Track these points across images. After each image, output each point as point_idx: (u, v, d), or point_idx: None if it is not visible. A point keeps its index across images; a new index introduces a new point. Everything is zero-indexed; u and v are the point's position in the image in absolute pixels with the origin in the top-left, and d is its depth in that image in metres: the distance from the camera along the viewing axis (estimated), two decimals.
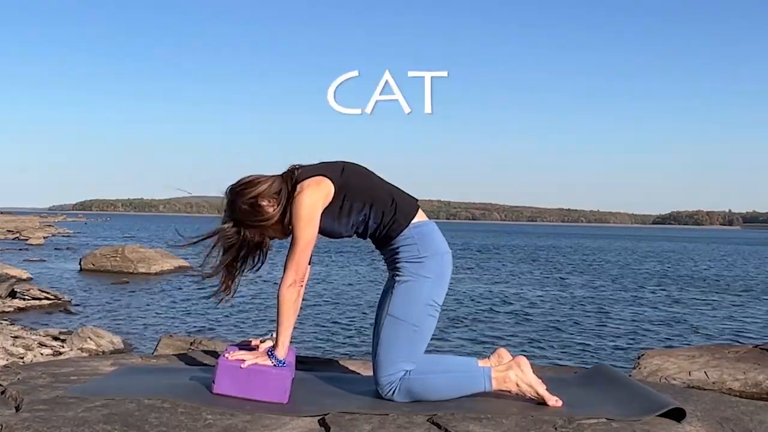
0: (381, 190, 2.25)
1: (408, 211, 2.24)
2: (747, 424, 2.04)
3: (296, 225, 2.14)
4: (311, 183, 2.17)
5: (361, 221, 2.23)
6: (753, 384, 5.56)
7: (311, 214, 2.14)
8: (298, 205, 2.14)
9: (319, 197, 2.16)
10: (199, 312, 10.85)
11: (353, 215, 2.21)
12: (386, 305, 2.22)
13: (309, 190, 2.16)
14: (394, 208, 2.22)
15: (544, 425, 1.93)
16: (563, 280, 18.83)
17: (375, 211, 2.22)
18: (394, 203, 2.23)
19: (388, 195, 2.25)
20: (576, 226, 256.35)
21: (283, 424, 1.91)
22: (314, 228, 2.16)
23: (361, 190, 2.22)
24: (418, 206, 2.29)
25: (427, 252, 2.21)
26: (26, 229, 39.55)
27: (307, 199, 2.14)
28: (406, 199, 2.29)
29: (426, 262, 2.20)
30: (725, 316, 11.98)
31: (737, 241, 72.34)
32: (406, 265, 2.21)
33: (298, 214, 2.14)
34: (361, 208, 2.21)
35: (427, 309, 2.20)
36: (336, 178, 2.19)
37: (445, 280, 2.26)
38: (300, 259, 2.15)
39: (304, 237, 2.14)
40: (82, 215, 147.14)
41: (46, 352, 6.55)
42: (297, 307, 2.23)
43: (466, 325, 10.17)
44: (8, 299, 10.18)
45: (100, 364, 2.65)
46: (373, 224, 2.23)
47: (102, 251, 17.55)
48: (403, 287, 2.20)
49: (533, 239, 61.23)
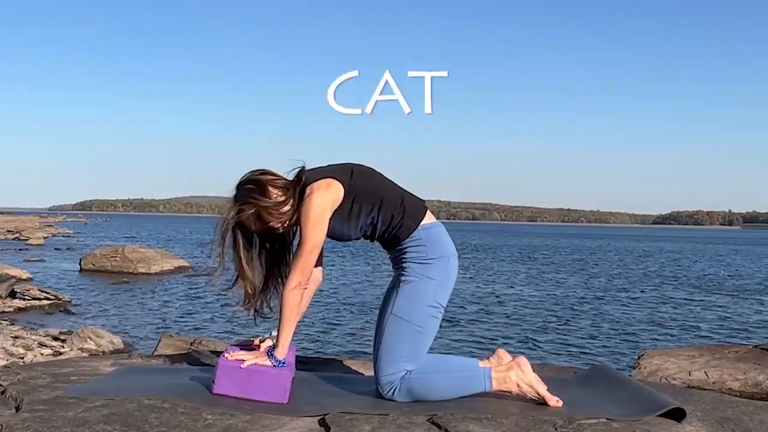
0: (390, 192, 2.25)
1: (416, 213, 2.24)
2: (747, 424, 2.04)
3: (304, 227, 2.14)
4: (321, 185, 2.16)
5: (370, 224, 2.23)
6: (753, 384, 5.56)
7: (320, 216, 2.13)
8: (308, 207, 2.13)
9: (328, 200, 2.15)
10: (199, 312, 10.85)
11: (362, 217, 2.21)
12: (390, 305, 2.21)
13: (319, 193, 2.15)
14: (402, 210, 2.22)
15: (544, 425, 1.93)
16: (563, 280, 18.83)
17: (384, 214, 2.21)
18: (403, 205, 2.23)
19: (397, 197, 2.24)
20: (576, 226, 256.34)
21: (283, 424, 1.91)
22: (322, 231, 2.15)
23: (370, 193, 2.21)
24: (426, 208, 2.29)
25: (435, 254, 2.21)
26: (26, 229, 39.51)
27: (317, 201, 2.13)
28: (415, 201, 2.28)
29: (433, 263, 2.20)
30: (725, 316, 11.98)
31: (737, 241, 72.35)
32: (413, 266, 2.21)
33: (307, 216, 2.13)
34: (370, 211, 2.21)
35: (431, 310, 2.20)
36: (345, 181, 2.18)
37: (450, 282, 2.26)
38: (306, 262, 2.14)
39: (311, 239, 2.13)
40: (82, 215, 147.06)
41: (46, 352, 6.55)
42: (300, 309, 2.23)
43: (464, 325, 10.16)
44: (8, 299, 10.18)
45: (100, 364, 2.65)
46: (381, 227, 2.23)
47: (102, 251, 17.54)
48: (408, 287, 2.20)
49: (533, 239, 61.25)
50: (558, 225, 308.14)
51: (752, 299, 14.96)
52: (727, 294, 15.94)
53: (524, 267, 23.78)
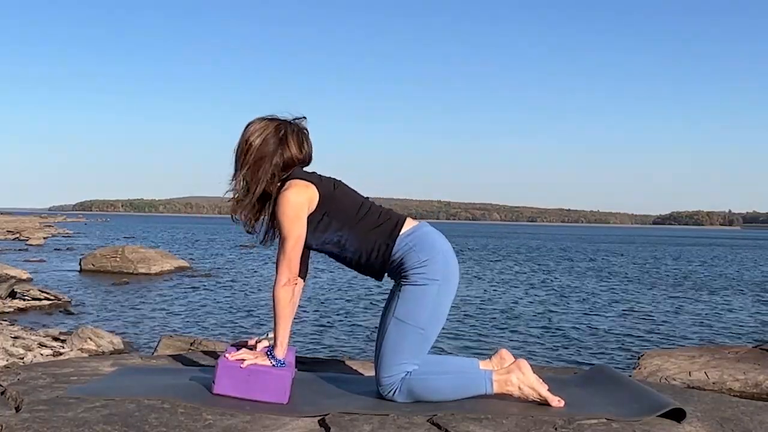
0: (365, 220, 2.23)
1: (391, 230, 2.22)
2: (747, 425, 2.04)
3: (283, 223, 2.15)
4: (299, 184, 2.18)
5: (336, 242, 2.22)
6: (753, 384, 5.56)
7: (298, 213, 2.15)
8: (284, 202, 2.15)
9: (305, 199, 2.16)
10: (199, 312, 10.85)
11: (328, 233, 2.21)
12: (392, 307, 2.21)
13: (296, 189, 2.17)
14: (375, 237, 2.21)
15: (544, 425, 1.93)
16: (563, 280, 18.83)
17: (354, 238, 2.21)
18: (377, 230, 2.21)
19: (370, 224, 2.22)
20: (576, 227, 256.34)
21: (283, 424, 1.90)
22: (302, 226, 2.16)
23: (344, 212, 2.21)
24: (405, 218, 2.27)
25: (427, 254, 2.20)
26: (26, 229, 39.51)
27: (292, 197, 2.15)
28: (391, 220, 2.25)
29: (429, 264, 2.19)
30: (725, 317, 11.97)
31: (737, 242, 72.33)
32: (411, 271, 2.20)
33: (285, 212, 2.14)
34: (339, 228, 2.21)
35: (434, 312, 2.19)
36: (324, 192, 2.20)
37: (452, 281, 2.24)
38: (291, 257, 2.15)
39: (293, 234, 2.14)
40: (81, 216, 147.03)
41: (46, 353, 6.55)
42: (293, 306, 2.23)
43: (464, 326, 10.16)
44: (8, 299, 10.18)
45: (100, 364, 2.65)
46: (351, 249, 2.22)
47: (102, 251, 17.54)
48: (409, 290, 2.19)
49: (532, 240, 61.21)
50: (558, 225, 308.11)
51: (752, 299, 14.96)
52: (727, 294, 15.93)
53: (525, 267, 23.77)
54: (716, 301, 14.50)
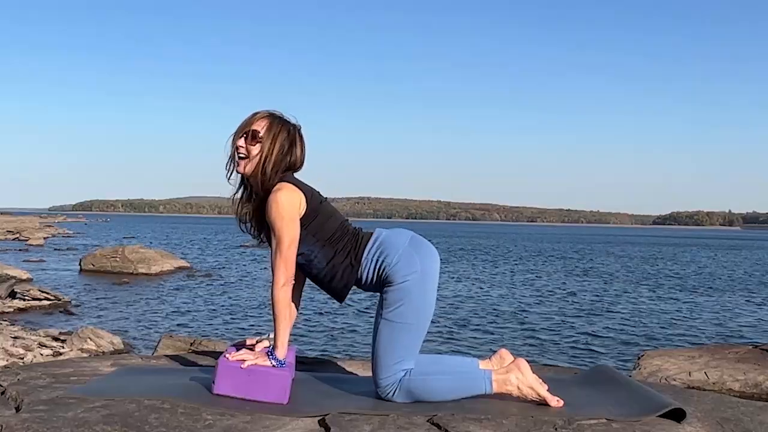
0: (338, 244, 2.24)
1: (357, 247, 2.24)
2: (747, 425, 2.04)
3: (277, 224, 2.14)
4: (291, 188, 2.19)
5: (305, 254, 2.22)
6: (753, 384, 5.56)
7: (291, 213, 2.15)
8: (277, 202, 2.15)
9: (296, 200, 2.17)
10: (199, 312, 10.85)
11: (301, 245, 2.21)
12: (381, 311, 2.22)
13: (287, 191, 2.17)
14: (342, 258, 2.22)
15: (544, 426, 1.93)
16: (562, 280, 18.83)
17: (321, 256, 2.22)
18: (345, 255, 2.23)
19: (341, 249, 2.23)
20: (576, 227, 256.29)
21: (283, 424, 1.90)
22: (295, 226, 2.16)
23: (322, 232, 2.22)
24: (369, 236, 2.28)
25: (395, 255, 2.20)
26: (26, 229, 39.51)
27: (284, 198, 2.15)
28: (357, 244, 2.26)
29: (402, 262, 2.19)
30: (725, 317, 11.98)
31: (737, 242, 72.30)
32: (389, 277, 2.20)
33: (278, 213, 2.14)
34: (313, 243, 2.22)
35: (422, 304, 2.20)
36: (311, 206, 2.21)
37: (431, 271, 2.23)
38: (287, 257, 2.15)
39: (287, 234, 2.14)
40: (81, 216, 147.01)
41: (46, 353, 6.55)
42: (293, 307, 2.22)
43: (464, 326, 10.16)
44: (8, 300, 10.18)
45: (100, 364, 2.65)
46: (320, 269, 2.24)
47: (102, 252, 17.55)
48: (393, 291, 2.19)
49: (532, 240, 61.19)
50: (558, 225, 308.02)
51: (752, 299, 14.95)
52: (728, 294, 15.93)
53: (525, 268, 23.77)
54: (716, 301, 14.50)
